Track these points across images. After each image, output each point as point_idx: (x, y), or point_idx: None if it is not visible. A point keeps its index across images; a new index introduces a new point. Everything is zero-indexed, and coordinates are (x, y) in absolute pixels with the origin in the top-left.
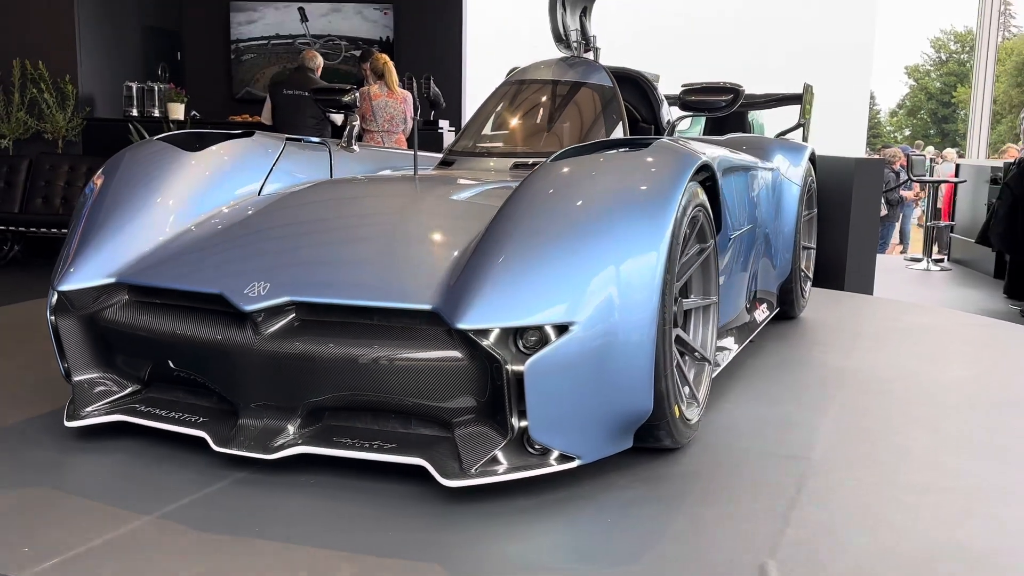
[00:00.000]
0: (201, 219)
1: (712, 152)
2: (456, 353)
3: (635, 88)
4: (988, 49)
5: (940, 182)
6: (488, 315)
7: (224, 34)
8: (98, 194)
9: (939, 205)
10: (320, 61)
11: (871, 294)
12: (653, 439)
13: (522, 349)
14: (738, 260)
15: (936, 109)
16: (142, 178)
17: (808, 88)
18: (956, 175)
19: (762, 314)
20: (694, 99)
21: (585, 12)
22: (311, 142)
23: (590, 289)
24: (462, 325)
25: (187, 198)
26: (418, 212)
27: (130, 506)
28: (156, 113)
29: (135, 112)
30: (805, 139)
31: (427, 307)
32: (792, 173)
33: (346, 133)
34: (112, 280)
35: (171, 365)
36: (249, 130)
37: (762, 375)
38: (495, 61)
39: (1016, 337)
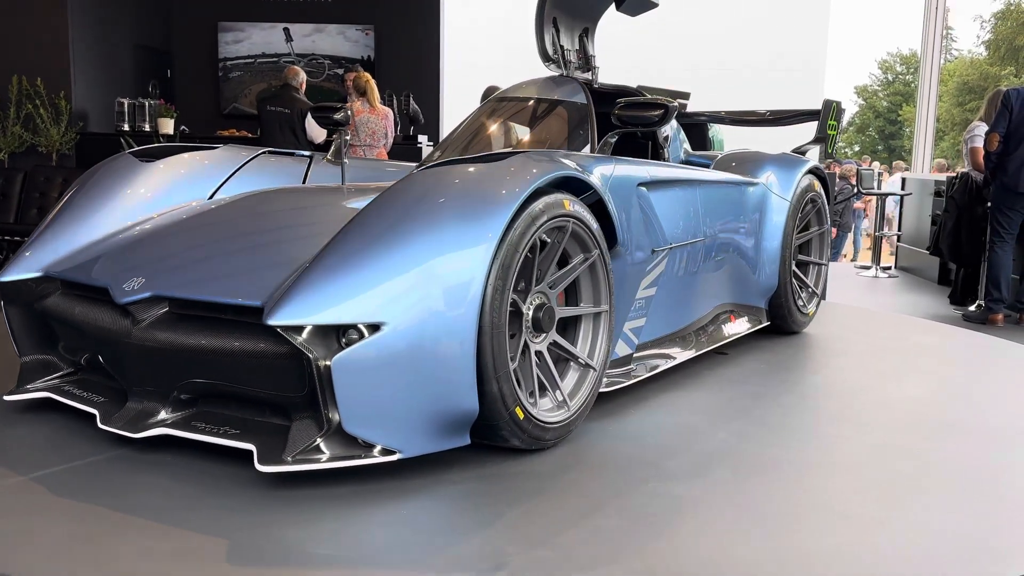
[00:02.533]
0: (132, 222)
1: (612, 167)
2: (281, 348)
3: None
4: (931, 71)
5: (888, 195)
6: (299, 312)
7: (212, 53)
8: (63, 202)
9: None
10: (303, 77)
11: (824, 299)
12: (499, 439)
13: (343, 346)
14: (679, 272)
15: (884, 127)
16: (101, 187)
17: (831, 104)
18: (903, 188)
19: (736, 327)
20: (627, 114)
21: (587, 32)
22: (299, 155)
23: (405, 290)
24: (271, 321)
25: (136, 204)
26: (308, 219)
27: (12, 467)
28: (147, 128)
29: (126, 127)
30: (829, 153)
31: (256, 304)
32: (781, 188)
33: (334, 146)
34: (40, 274)
35: (97, 352)
36: (220, 144)
37: (706, 385)
38: (472, 80)
39: (1010, 358)
